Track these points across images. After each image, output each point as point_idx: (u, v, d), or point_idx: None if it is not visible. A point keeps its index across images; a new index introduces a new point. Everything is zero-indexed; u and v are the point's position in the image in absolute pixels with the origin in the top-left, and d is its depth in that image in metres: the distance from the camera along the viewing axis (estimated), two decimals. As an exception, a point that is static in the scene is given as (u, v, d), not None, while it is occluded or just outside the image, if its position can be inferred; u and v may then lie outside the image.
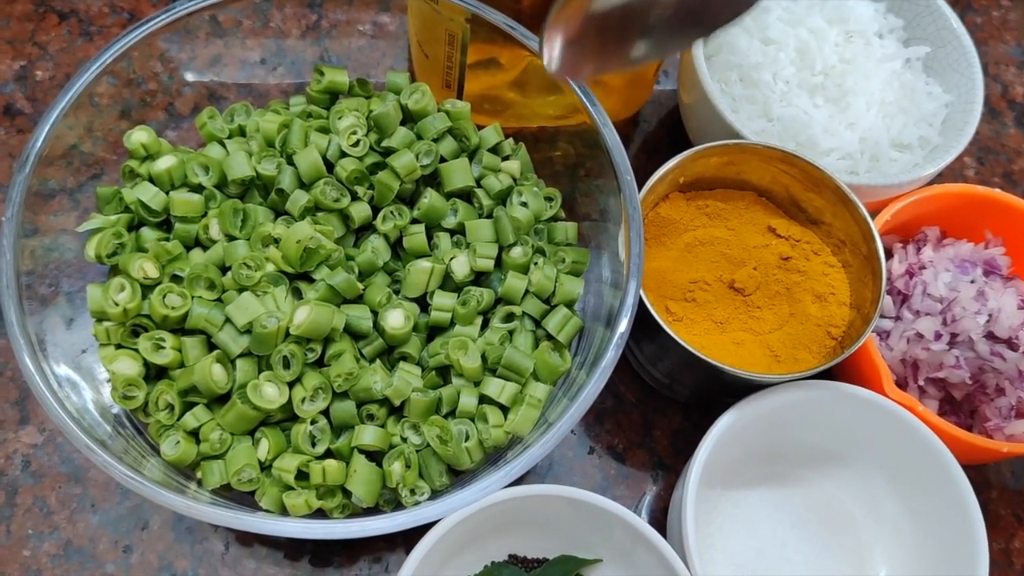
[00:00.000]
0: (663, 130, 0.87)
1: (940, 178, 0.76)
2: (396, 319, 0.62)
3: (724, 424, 0.63)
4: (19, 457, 0.68)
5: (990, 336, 0.68)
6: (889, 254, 0.73)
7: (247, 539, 0.67)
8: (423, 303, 0.65)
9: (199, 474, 0.60)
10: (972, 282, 0.70)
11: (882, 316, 0.71)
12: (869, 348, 0.65)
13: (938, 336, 0.67)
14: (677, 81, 0.82)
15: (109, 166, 0.67)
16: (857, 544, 0.68)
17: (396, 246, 0.67)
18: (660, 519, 0.70)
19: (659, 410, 0.74)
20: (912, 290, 0.70)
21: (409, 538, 0.57)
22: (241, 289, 0.61)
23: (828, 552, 0.68)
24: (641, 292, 0.61)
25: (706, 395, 0.71)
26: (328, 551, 0.67)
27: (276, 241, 0.62)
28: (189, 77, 0.76)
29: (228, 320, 0.60)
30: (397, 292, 0.65)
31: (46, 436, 0.69)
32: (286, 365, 0.59)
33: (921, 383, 0.68)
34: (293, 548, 0.67)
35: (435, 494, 0.60)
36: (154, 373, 0.62)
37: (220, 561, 0.67)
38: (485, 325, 0.65)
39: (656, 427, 0.74)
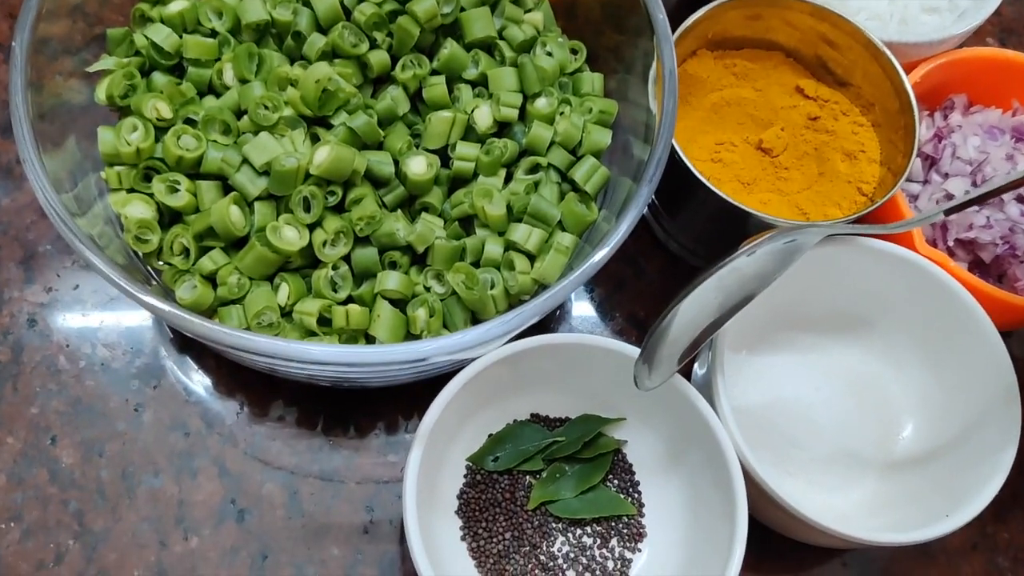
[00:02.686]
0: None
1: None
2: (418, 165, 0.60)
3: (753, 278, 0.61)
4: (24, 316, 0.66)
5: (1020, 199, 0.67)
6: (917, 121, 0.72)
7: (261, 400, 0.66)
8: (444, 157, 0.63)
9: (216, 321, 0.58)
10: (1001, 147, 0.69)
11: (909, 180, 0.70)
12: (899, 202, 0.64)
13: (968, 196, 0.66)
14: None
15: (116, 24, 0.64)
16: (883, 409, 0.67)
17: (416, 100, 0.65)
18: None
19: (681, 279, 0.73)
20: (941, 153, 0.69)
21: (426, 403, 0.56)
22: (258, 130, 0.59)
23: (853, 416, 0.67)
24: (673, 141, 0.59)
25: (731, 258, 0.69)
26: (345, 415, 0.66)
27: (293, 84, 0.60)
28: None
29: (245, 161, 0.58)
30: (418, 146, 0.63)
31: (52, 296, 0.67)
32: (306, 208, 0.57)
33: (950, 244, 0.66)
34: (308, 411, 0.66)
35: (460, 342, 0.58)
36: (168, 220, 0.60)
37: (234, 423, 0.65)
38: (509, 179, 0.63)
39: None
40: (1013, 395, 0.60)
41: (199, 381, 0.66)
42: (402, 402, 0.67)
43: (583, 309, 0.72)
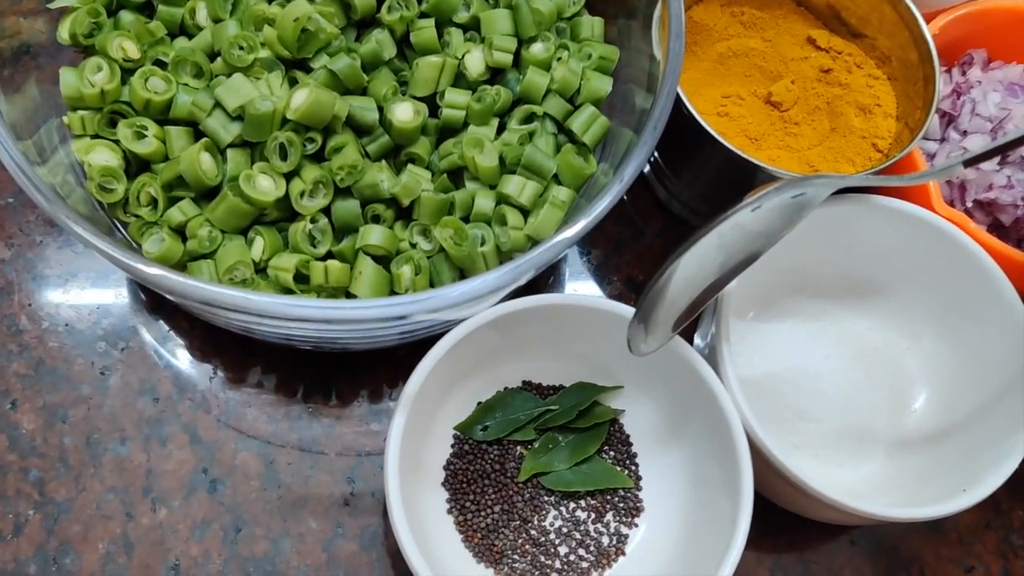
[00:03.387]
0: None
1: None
2: (404, 112, 0.56)
3: (761, 237, 0.58)
4: (-16, 273, 0.62)
5: (1043, 158, 0.63)
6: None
7: (237, 365, 0.62)
8: (433, 106, 0.59)
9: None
10: (1023, 104, 0.65)
11: (926, 138, 0.66)
12: (916, 160, 0.60)
13: (988, 155, 0.62)
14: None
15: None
16: (895, 380, 0.64)
17: (403, 45, 0.60)
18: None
19: (682, 241, 0.69)
20: (960, 109, 0.65)
21: (412, 369, 0.52)
22: (232, 71, 0.54)
23: (863, 387, 0.63)
24: (679, 89, 0.55)
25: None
26: (326, 381, 0.62)
27: (270, 23, 0.56)
28: None
29: (218, 105, 0.54)
30: (404, 94, 0.59)
31: (14, 252, 0.63)
32: (282, 155, 0.53)
33: (968, 205, 0.63)
34: (287, 378, 0.62)
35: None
36: (135, 168, 0.56)
37: (207, 388, 0.61)
38: (502, 130, 0.59)
39: (679, 260, 0.69)
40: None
41: (171, 343, 0.62)
42: (387, 368, 0.63)
43: (579, 272, 0.68)
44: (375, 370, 0.63)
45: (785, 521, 0.60)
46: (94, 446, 0.59)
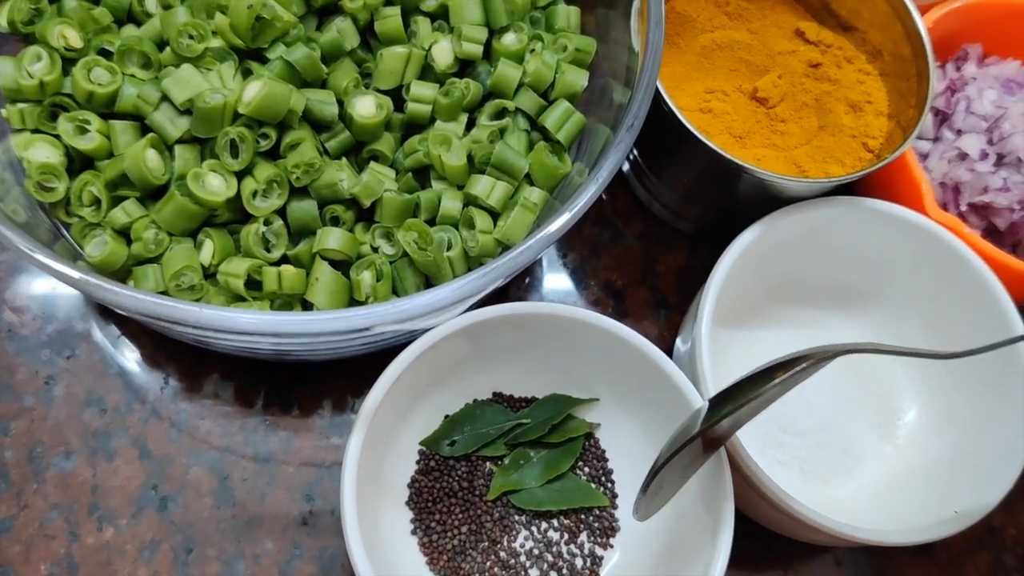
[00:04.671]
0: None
1: None
2: (366, 106, 0.52)
3: (744, 242, 0.55)
4: (-80, 275, 0.58)
5: (1041, 158, 0.60)
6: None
7: (191, 373, 0.58)
8: (398, 100, 0.55)
9: (131, 283, 0.51)
10: (1019, 102, 0.62)
11: (919, 138, 0.63)
12: (908, 161, 0.57)
13: (984, 155, 0.60)
14: None
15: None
16: (884, 392, 0.61)
17: (366, 34, 0.57)
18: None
19: (663, 245, 0.66)
20: (954, 107, 0.62)
21: (376, 378, 0.49)
22: (181, 62, 0.51)
23: (852, 398, 0.60)
24: (659, 83, 0.52)
25: (719, 221, 0.62)
26: (287, 391, 0.59)
27: (223, 11, 0.52)
28: None
29: (165, 98, 0.50)
30: (368, 87, 0.55)
31: (-47, 253, 0.59)
32: (234, 152, 0.50)
33: (963, 209, 0.60)
34: (245, 388, 0.59)
35: (411, 309, 0.51)
36: (78, 166, 0.52)
37: (158, 397, 0.58)
38: (471, 126, 0.56)
39: (659, 263, 0.65)
40: (1031, 378, 0.53)
41: (120, 350, 0.58)
42: (350, 376, 0.60)
43: (555, 276, 0.65)
44: (338, 379, 0.59)
45: (767, 540, 0.57)
46: (37, 460, 0.55)
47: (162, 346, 0.59)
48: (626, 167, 0.66)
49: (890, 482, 0.58)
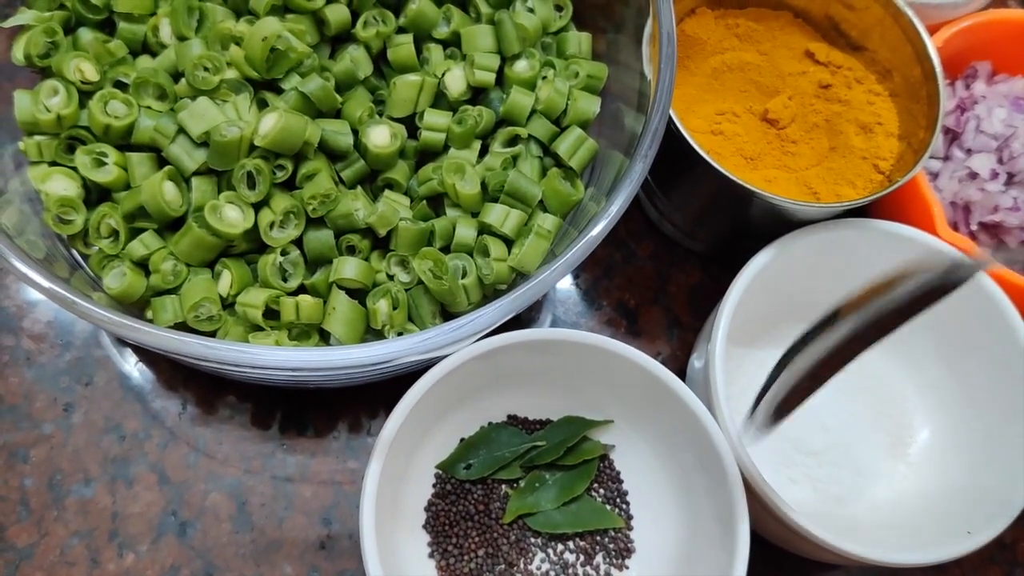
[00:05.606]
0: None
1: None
2: (380, 136, 0.53)
3: (758, 265, 0.55)
4: (-60, 304, 0.59)
5: (1051, 177, 0.60)
6: (937, 90, 0.65)
7: (208, 397, 0.59)
8: (412, 127, 0.56)
9: (149, 314, 0.51)
10: (1029, 120, 0.62)
11: (929, 157, 0.63)
12: (920, 183, 0.57)
13: (994, 175, 0.60)
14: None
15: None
16: (896, 411, 0.61)
17: (379, 62, 0.57)
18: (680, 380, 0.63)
19: (675, 264, 0.66)
20: (964, 126, 0.62)
21: (392, 400, 0.49)
22: (197, 94, 0.51)
23: (865, 418, 0.61)
24: (671, 111, 0.52)
25: (730, 242, 0.63)
26: (302, 414, 0.59)
27: (238, 42, 0.52)
28: None
29: (181, 130, 0.50)
30: (381, 115, 0.56)
31: (-29, 281, 0.60)
32: (251, 184, 0.50)
33: (973, 228, 0.60)
34: (261, 411, 0.59)
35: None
36: (95, 197, 0.53)
37: (176, 423, 0.58)
38: (484, 152, 0.56)
39: (672, 283, 0.66)
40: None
41: (137, 376, 0.59)
42: (366, 399, 0.60)
43: (567, 296, 0.65)
44: (353, 402, 0.60)
45: (781, 558, 0.57)
46: (57, 488, 0.56)
47: (179, 371, 0.59)
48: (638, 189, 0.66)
49: (903, 501, 0.58)
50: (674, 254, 0.66)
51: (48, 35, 0.53)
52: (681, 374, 0.62)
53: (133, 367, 0.59)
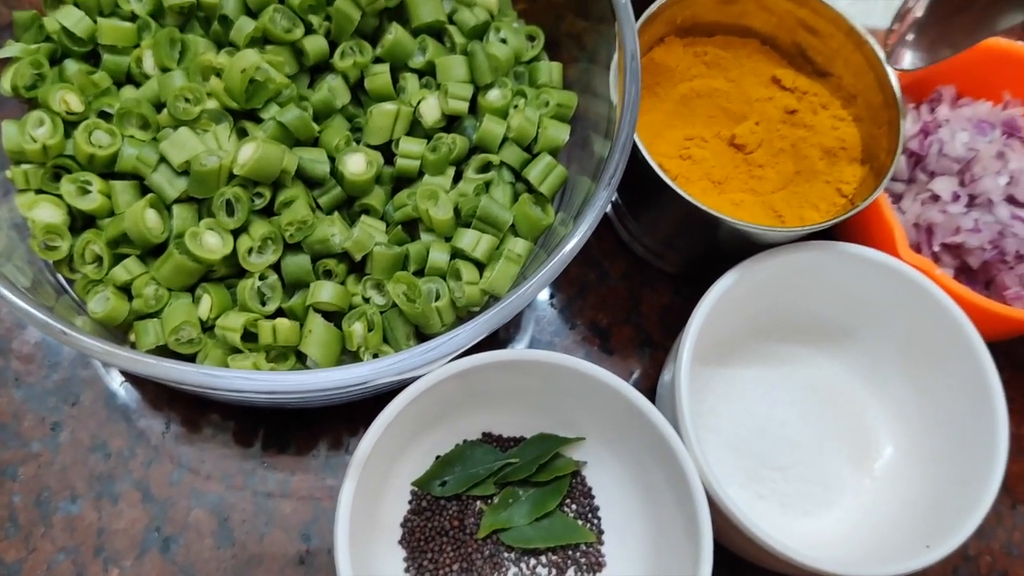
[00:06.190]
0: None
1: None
2: (356, 164, 0.55)
3: (722, 287, 0.57)
4: (-69, 326, 0.60)
5: (1011, 200, 0.62)
6: (901, 114, 0.67)
7: (191, 418, 0.60)
8: (388, 153, 0.58)
9: (132, 337, 0.53)
10: (991, 143, 0.64)
11: (894, 179, 0.65)
12: (881, 205, 0.59)
13: (956, 197, 0.61)
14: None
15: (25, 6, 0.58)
16: (862, 426, 0.63)
17: (357, 91, 0.59)
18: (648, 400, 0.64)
19: (647, 284, 0.68)
20: (927, 150, 0.64)
21: (373, 418, 0.51)
22: (178, 124, 0.53)
23: (830, 433, 0.62)
24: (636, 137, 0.54)
25: (700, 263, 0.64)
26: (284, 432, 0.61)
27: (219, 73, 0.54)
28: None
29: (163, 159, 0.52)
30: (358, 142, 0.58)
31: (-38, 303, 0.61)
32: (230, 211, 0.52)
33: (936, 249, 0.62)
34: (244, 430, 0.61)
35: (401, 359, 0.53)
36: (80, 224, 0.54)
37: (160, 441, 0.60)
38: (458, 178, 0.58)
39: (644, 302, 0.68)
40: (1000, 414, 0.55)
41: (123, 396, 0.61)
42: (348, 417, 0.62)
43: (543, 316, 0.67)
44: (333, 420, 0.62)
45: (750, 573, 0.59)
46: (44, 505, 0.57)
47: (163, 391, 0.61)
48: (609, 208, 0.68)
49: (868, 516, 0.60)
50: (646, 274, 0.68)
51: (35, 67, 0.55)
52: (653, 391, 0.64)
53: (119, 387, 0.61)
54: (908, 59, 0.47)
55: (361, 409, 0.61)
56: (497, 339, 0.66)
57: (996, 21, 0.50)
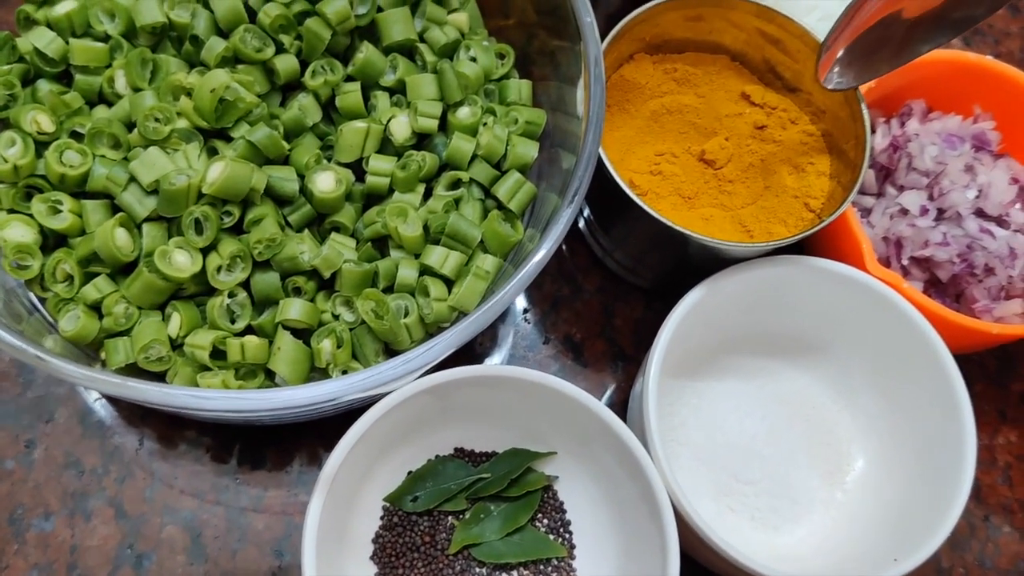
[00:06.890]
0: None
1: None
2: (326, 182, 0.55)
3: (690, 302, 0.57)
4: (-94, 344, 0.61)
5: (979, 213, 0.63)
6: (871, 129, 0.67)
7: (165, 435, 0.61)
8: (359, 171, 0.58)
9: (103, 355, 0.53)
10: (960, 157, 0.64)
11: (863, 192, 0.65)
12: (849, 219, 0.59)
13: (924, 211, 0.62)
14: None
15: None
16: (832, 440, 0.63)
17: (328, 108, 0.60)
18: (620, 413, 0.64)
19: (620, 298, 0.68)
20: (896, 164, 0.64)
21: (343, 434, 0.51)
22: (148, 144, 0.53)
23: (800, 447, 0.63)
24: (602, 153, 0.54)
25: (671, 278, 0.65)
26: (259, 448, 0.61)
27: (189, 93, 0.55)
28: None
29: (133, 179, 0.53)
30: (329, 160, 0.58)
31: (-63, 322, 0.62)
32: (199, 230, 0.52)
33: (905, 263, 0.62)
34: (219, 446, 0.61)
35: (370, 375, 0.53)
36: (52, 243, 0.55)
37: (134, 459, 0.60)
38: (428, 195, 0.58)
39: (617, 316, 0.68)
40: (968, 427, 0.56)
41: (97, 413, 0.61)
42: (321, 433, 0.62)
43: (517, 331, 0.67)
44: (307, 436, 0.62)
45: (722, 586, 0.59)
46: (17, 522, 0.58)
47: (137, 408, 0.61)
48: (582, 223, 0.68)
49: (839, 529, 0.60)
50: (619, 288, 0.69)
51: (7, 87, 0.55)
52: (626, 404, 0.64)
53: (94, 403, 0.61)
54: (834, 82, 0.55)
55: (337, 425, 0.61)
56: (473, 353, 0.66)
57: (915, 49, 0.55)
